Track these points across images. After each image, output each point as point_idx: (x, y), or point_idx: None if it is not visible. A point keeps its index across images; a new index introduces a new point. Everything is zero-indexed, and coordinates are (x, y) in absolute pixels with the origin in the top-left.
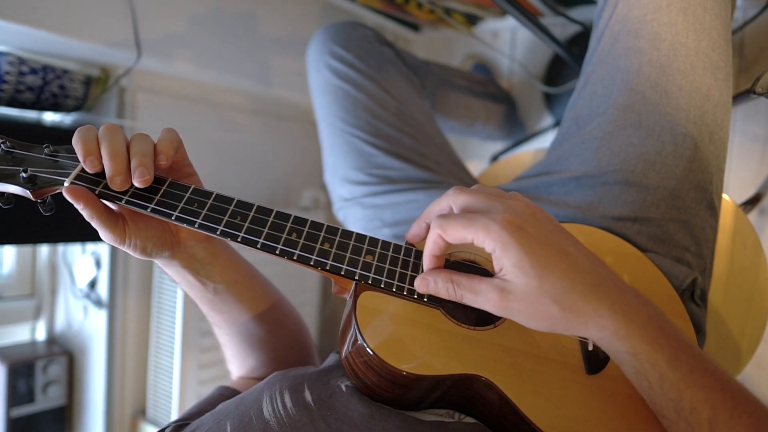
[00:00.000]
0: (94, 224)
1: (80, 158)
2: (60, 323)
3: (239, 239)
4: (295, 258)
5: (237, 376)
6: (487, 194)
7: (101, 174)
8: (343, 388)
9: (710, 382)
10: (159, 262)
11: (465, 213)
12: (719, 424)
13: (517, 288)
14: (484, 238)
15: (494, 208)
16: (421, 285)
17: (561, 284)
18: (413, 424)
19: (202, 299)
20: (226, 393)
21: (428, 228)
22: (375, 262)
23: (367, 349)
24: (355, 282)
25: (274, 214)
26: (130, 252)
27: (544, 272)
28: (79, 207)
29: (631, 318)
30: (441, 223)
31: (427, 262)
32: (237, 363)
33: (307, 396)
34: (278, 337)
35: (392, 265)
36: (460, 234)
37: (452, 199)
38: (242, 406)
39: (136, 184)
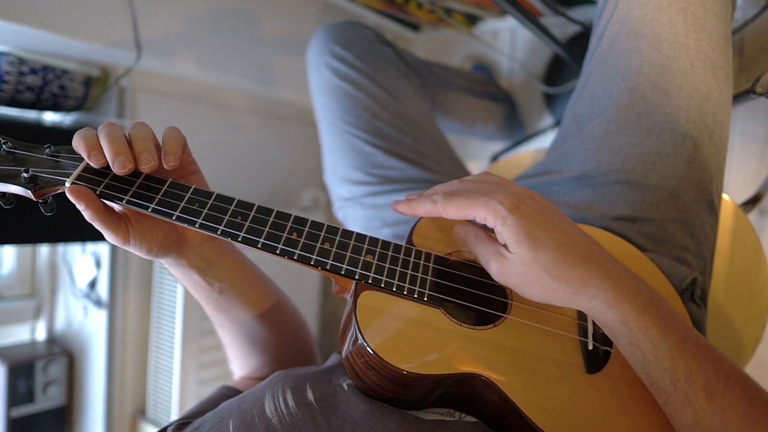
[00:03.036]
0: (96, 225)
1: (84, 155)
2: (60, 323)
3: (240, 239)
4: (295, 258)
5: (239, 376)
6: (489, 182)
7: (103, 174)
8: (345, 387)
9: (702, 352)
10: (165, 262)
11: (468, 192)
12: (714, 393)
13: (514, 258)
14: (485, 214)
15: (495, 189)
16: (459, 228)
17: (553, 255)
18: (414, 423)
19: (207, 299)
20: (228, 392)
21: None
22: (375, 262)
23: (368, 348)
24: (355, 281)
25: (274, 213)
26: (135, 252)
27: (537, 244)
28: (81, 207)
29: (620, 288)
30: (443, 201)
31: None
32: (239, 363)
33: (309, 395)
34: (280, 337)
35: (392, 264)
36: (462, 212)
37: (457, 187)
38: (244, 404)
39: (142, 170)
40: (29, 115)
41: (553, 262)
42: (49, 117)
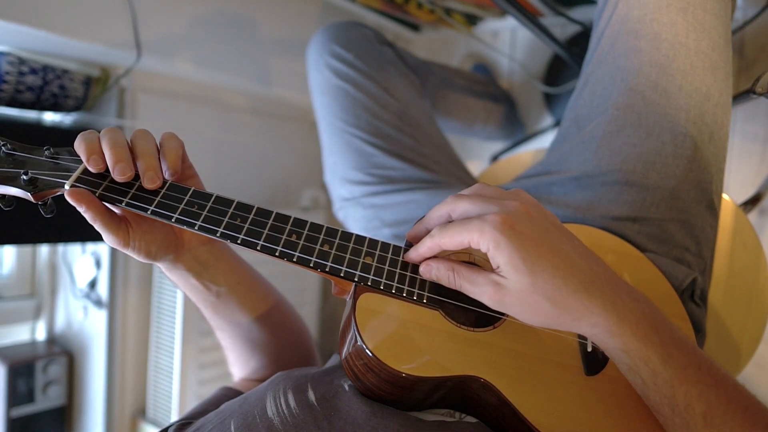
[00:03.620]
0: (97, 227)
1: (83, 158)
2: (60, 323)
3: (239, 241)
4: (294, 260)
5: (239, 378)
6: (484, 197)
7: (102, 177)
8: (346, 388)
9: (704, 378)
10: (162, 266)
11: (460, 220)
12: (714, 419)
13: (511, 284)
14: (479, 240)
15: (489, 209)
16: (424, 270)
17: (553, 281)
18: (415, 423)
19: (205, 303)
20: (229, 393)
21: (427, 233)
22: (374, 264)
23: (367, 350)
24: (354, 283)
25: (273, 215)
26: (134, 255)
27: (535, 270)
28: (82, 209)
29: (623, 315)
30: (439, 234)
31: (417, 260)
32: (239, 365)
33: (311, 395)
34: (280, 338)
35: (392, 266)
36: (457, 239)
37: (450, 207)
38: (246, 405)
39: (147, 188)
40: (29, 115)
41: (553, 289)
42: (49, 117)
